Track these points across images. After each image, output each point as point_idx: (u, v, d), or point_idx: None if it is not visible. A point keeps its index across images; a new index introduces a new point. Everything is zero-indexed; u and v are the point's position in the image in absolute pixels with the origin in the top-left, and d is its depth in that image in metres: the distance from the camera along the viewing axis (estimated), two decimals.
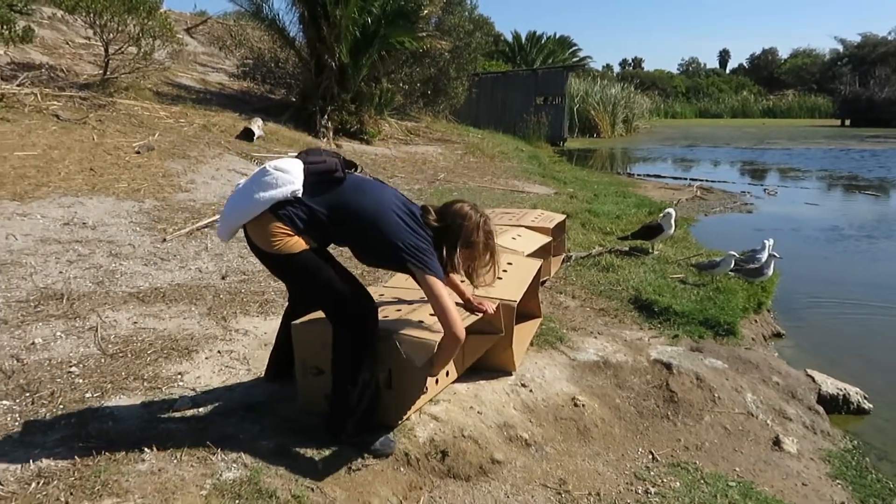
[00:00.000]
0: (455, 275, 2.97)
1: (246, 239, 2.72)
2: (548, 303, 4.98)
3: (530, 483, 3.01)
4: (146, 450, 2.59)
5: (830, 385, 4.42)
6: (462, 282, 3.09)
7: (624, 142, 28.93)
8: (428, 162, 12.86)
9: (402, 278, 3.37)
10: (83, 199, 6.29)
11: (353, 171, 2.78)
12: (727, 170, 18.48)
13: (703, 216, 10.63)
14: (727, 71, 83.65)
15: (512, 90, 24.43)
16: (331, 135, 12.30)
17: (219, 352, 3.64)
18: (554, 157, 18.63)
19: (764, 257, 5.82)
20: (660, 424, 3.73)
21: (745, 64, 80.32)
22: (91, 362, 3.38)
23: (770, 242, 5.94)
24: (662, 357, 4.22)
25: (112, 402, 3.01)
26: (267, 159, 9.08)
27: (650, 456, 3.43)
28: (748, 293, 5.70)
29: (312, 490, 2.51)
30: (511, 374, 3.64)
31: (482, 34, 19.49)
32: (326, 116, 12.42)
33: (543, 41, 42.13)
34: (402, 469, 2.80)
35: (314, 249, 2.65)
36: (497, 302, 3.32)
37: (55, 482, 2.37)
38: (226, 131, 10.30)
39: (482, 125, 21.06)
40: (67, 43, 12.71)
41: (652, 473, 3.25)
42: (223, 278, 4.94)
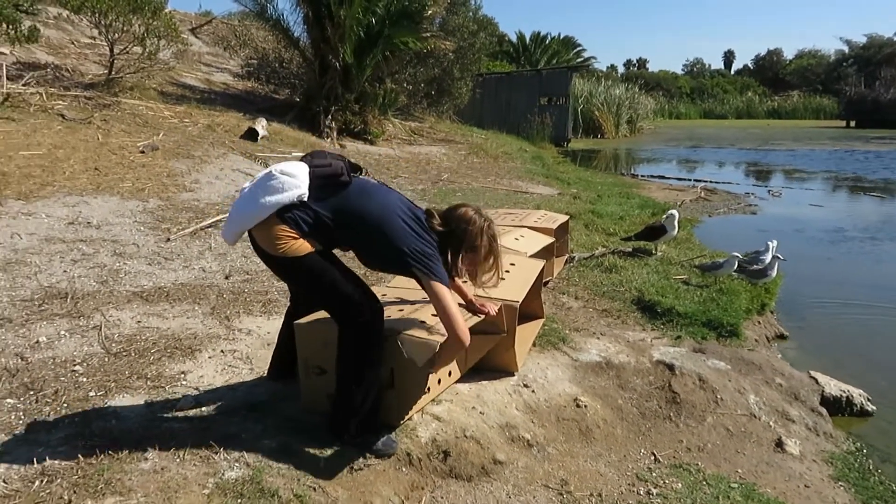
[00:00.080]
0: (456, 277, 2.98)
1: (251, 241, 2.72)
2: (550, 303, 4.98)
3: (532, 483, 3.01)
4: (149, 448, 2.60)
5: (833, 387, 4.41)
6: (464, 282, 3.10)
7: (628, 142, 28.90)
8: (431, 162, 12.87)
9: (405, 278, 3.38)
10: (88, 199, 6.31)
11: (359, 175, 2.78)
12: (731, 171, 18.45)
13: (707, 217, 10.61)
14: (732, 72, 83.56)
15: (516, 90, 24.43)
16: (334, 135, 12.32)
17: (222, 351, 3.65)
18: (558, 158, 18.62)
19: (768, 259, 5.82)
20: (662, 425, 3.73)
21: (750, 65, 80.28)
22: (95, 361, 3.40)
23: (774, 244, 5.94)
24: (665, 358, 4.22)
25: (115, 401, 3.02)
26: (271, 159, 9.11)
27: (652, 457, 3.43)
28: (751, 294, 5.70)
29: (314, 489, 2.52)
30: (513, 375, 3.64)
31: (486, 34, 19.49)
32: (330, 116, 12.44)
33: (548, 42, 42.09)
34: (404, 469, 2.81)
35: (319, 252, 2.65)
36: (499, 303, 3.33)
37: (59, 480, 2.38)
38: (230, 131, 10.32)
39: (486, 125, 21.06)
40: (73, 43, 12.75)
41: (654, 474, 3.25)
42: (227, 278, 4.96)
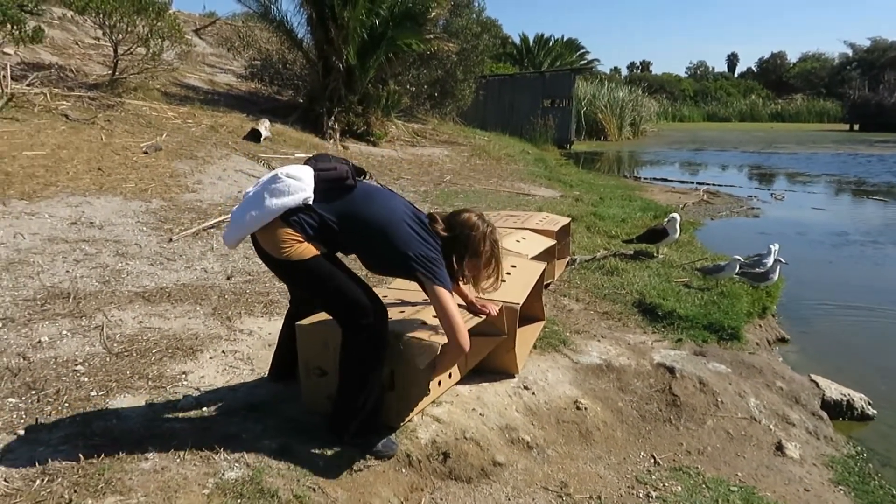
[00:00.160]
0: (460, 280, 2.99)
1: (253, 244, 2.72)
2: (551, 306, 4.99)
3: (531, 485, 3.01)
4: (150, 448, 2.61)
5: (834, 390, 4.41)
6: (465, 284, 3.10)
7: (631, 145, 28.91)
8: (434, 164, 12.88)
9: (405, 280, 3.38)
10: (91, 199, 6.33)
11: (363, 179, 2.79)
12: (734, 174, 18.43)
13: (710, 220, 10.60)
14: (735, 75, 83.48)
15: (519, 93, 24.45)
16: (337, 136, 12.34)
17: (223, 352, 3.66)
18: (560, 160, 18.64)
19: (769, 262, 5.82)
20: (662, 428, 3.73)
21: (754, 68, 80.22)
22: (96, 361, 3.41)
23: (776, 247, 5.93)
24: (666, 361, 4.22)
25: (116, 401, 3.03)
26: (274, 160, 9.12)
27: (652, 460, 3.43)
28: (753, 298, 5.69)
29: (314, 490, 2.52)
30: (514, 377, 3.64)
31: (490, 36, 19.49)
32: (333, 118, 12.47)
33: (551, 44, 42.15)
34: (404, 470, 2.81)
35: (323, 255, 2.65)
36: (500, 304, 3.33)
37: (59, 479, 2.39)
38: (233, 132, 10.35)
39: (489, 127, 21.08)
40: (77, 43, 12.79)
41: (653, 477, 3.25)
42: (228, 279, 4.97)
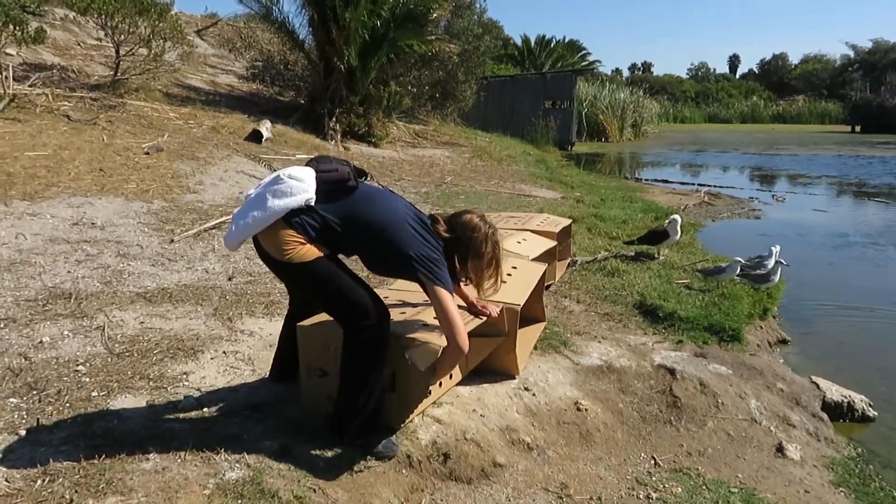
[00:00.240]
0: (461, 281, 3.00)
1: (255, 246, 2.72)
2: (552, 307, 4.99)
3: (532, 487, 3.01)
4: (150, 449, 2.61)
5: (835, 392, 4.41)
6: (466, 285, 3.11)
7: (632, 146, 28.90)
8: (435, 165, 12.89)
9: (407, 281, 3.39)
10: (92, 200, 6.34)
11: (364, 180, 2.80)
12: (736, 175, 18.42)
13: (711, 222, 10.60)
14: (737, 76, 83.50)
15: (520, 94, 24.45)
16: (339, 137, 12.35)
17: (224, 352, 3.67)
18: (562, 161, 18.65)
19: (770, 264, 5.82)
20: (662, 430, 3.73)
21: (755, 69, 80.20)
22: (98, 361, 3.42)
23: (777, 249, 5.93)
24: (666, 362, 4.22)
25: (118, 402, 3.04)
26: (275, 161, 9.13)
27: (652, 461, 3.43)
28: (754, 299, 5.69)
29: (314, 491, 2.53)
30: (514, 378, 3.65)
31: (491, 38, 19.50)
32: (335, 119, 12.48)
33: (552, 45, 42.17)
34: (404, 471, 2.82)
35: (325, 257, 2.65)
36: (501, 305, 3.34)
37: (60, 480, 2.40)
38: (234, 133, 10.36)
39: (490, 129, 21.08)
40: (79, 44, 12.81)
41: (654, 479, 3.25)
42: (230, 279, 4.98)
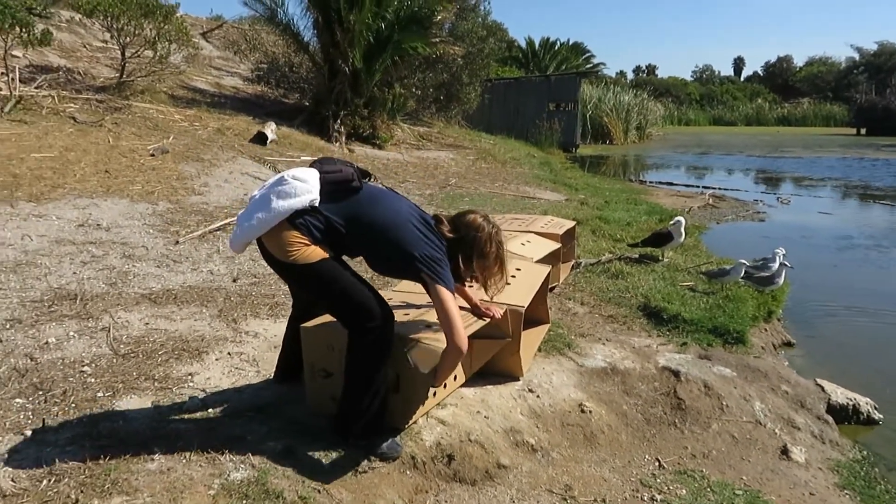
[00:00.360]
0: (466, 282, 3.00)
1: (259, 248, 2.72)
2: (556, 309, 4.99)
3: (536, 488, 3.01)
4: (155, 449, 2.62)
5: (840, 395, 4.39)
6: (470, 287, 3.11)
7: (637, 149, 28.87)
8: (439, 167, 12.89)
9: (411, 282, 3.40)
10: (98, 201, 6.36)
11: (368, 181, 2.80)
12: (740, 178, 18.38)
13: (715, 224, 10.58)
14: (741, 78, 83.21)
15: (525, 96, 24.44)
16: (343, 139, 12.37)
17: (229, 353, 3.67)
18: (566, 164, 18.63)
19: (775, 266, 5.80)
20: (667, 432, 3.73)
21: (760, 71, 79.97)
22: (103, 362, 3.43)
23: (781, 251, 5.92)
24: (671, 364, 4.21)
25: (123, 402, 3.05)
26: (280, 163, 9.15)
27: (657, 463, 3.43)
28: (758, 302, 5.68)
29: (319, 492, 2.53)
30: (518, 380, 3.65)
31: (495, 40, 19.52)
32: (339, 121, 12.49)
33: (557, 48, 42.14)
34: (409, 472, 2.82)
35: (329, 258, 2.66)
36: (505, 307, 3.34)
37: (66, 480, 2.41)
38: (239, 135, 10.39)
39: (494, 131, 21.08)
40: (85, 46, 12.87)
41: (658, 481, 3.25)
42: (234, 281, 4.99)
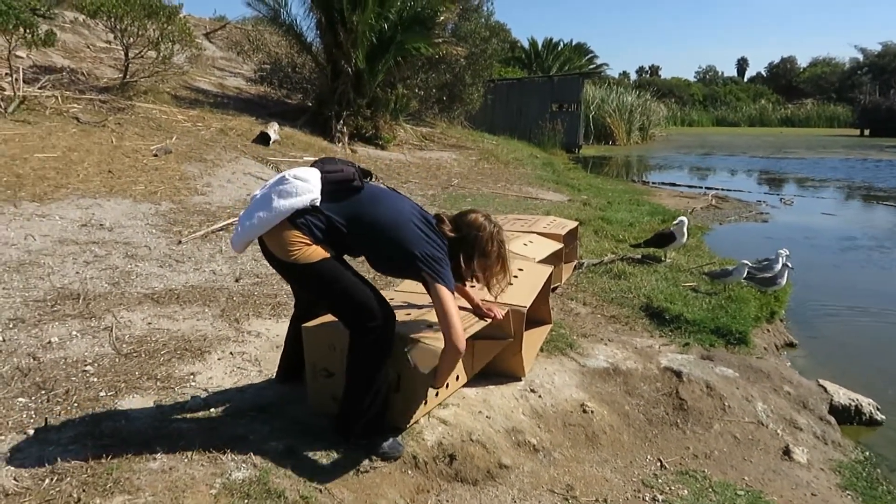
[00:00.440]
0: (467, 281, 3.00)
1: (261, 247, 2.73)
2: (559, 309, 4.99)
3: (537, 488, 3.01)
4: (157, 448, 2.63)
5: (843, 395, 4.39)
6: (472, 287, 3.11)
7: (640, 149, 28.84)
8: (442, 168, 12.90)
9: (413, 282, 3.40)
10: (101, 201, 6.38)
11: (369, 181, 2.81)
12: (743, 179, 18.36)
13: (718, 225, 10.58)
14: (745, 79, 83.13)
15: (528, 97, 24.44)
16: (346, 140, 12.38)
17: (231, 353, 3.68)
18: (569, 164, 18.62)
19: (778, 267, 5.79)
20: (669, 432, 3.72)
21: (764, 72, 79.93)
22: (105, 361, 3.43)
23: (785, 252, 5.91)
24: (673, 365, 4.21)
25: (125, 402, 3.05)
26: (283, 164, 9.17)
27: (658, 463, 3.43)
28: (761, 302, 5.67)
29: (320, 491, 2.53)
30: (520, 380, 3.65)
31: (498, 41, 19.52)
32: (342, 121, 12.51)
33: (560, 48, 42.07)
34: (410, 472, 2.82)
35: (331, 258, 2.66)
36: (507, 307, 3.34)
37: (68, 479, 2.41)
38: (242, 135, 10.40)
39: (497, 131, 21.07)
40: (88, 47, 12.90)
41: (660, 481, 3.25)
42: (237, 281, 4.99)
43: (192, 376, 3.37)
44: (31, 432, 2.73)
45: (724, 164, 22.23)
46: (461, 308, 3.13)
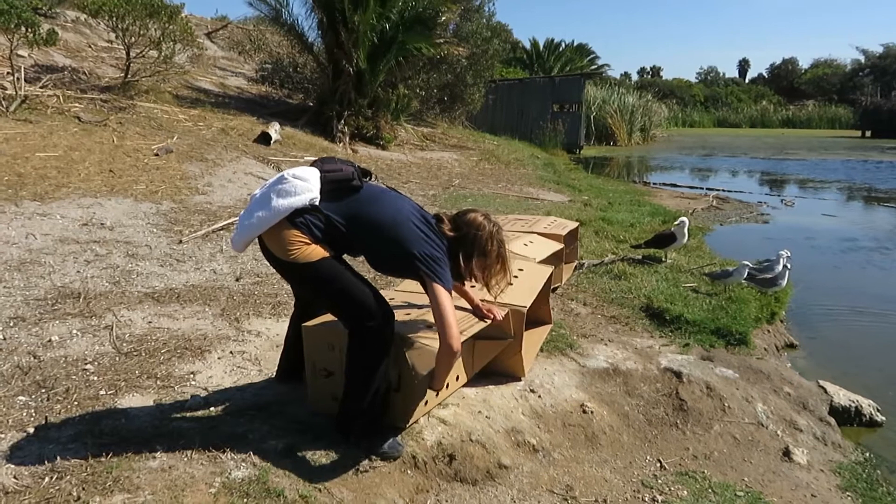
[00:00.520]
0: (466, 281, 3.00)
1: (260, 246, 2.73)
2: (559, 309, 4.99)
3: (537, 488, 3.02)
4: (157, 447, 2.63)
5: (843, 396, 4.39)
6: (472, 287, 3.11)
7: (641, 150, 28.82)
8: (443, 168, 12.90)
9: (413, 282, 3.40)
10: (102, 200, 6.38)
11: (368, 180, 2.81)
12: (744, 180, 18.36)
13: (719, 225, 10.57)
14: (746, 80, 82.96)
15: (529, 97, 24.44)
16: (347, 140, 12.38)
17: (231, 352, 3.68)
18: (570, 165, 18.62)
19: (778, 268, 5.79)
20: (668, 433, 3.72)
21: (765, 74, 79.74)
22: (106, 360, 3.44)
23: (786, 253, 5.91)
24: (673, 365, 4.21)
25: (125, 400, 3.06)
26: (284, 163, 9.17)
27: (658, 464, 3.43)
28: (761, 303, 5.67)
29: (320, 490, 2.53)
30: (520, 380, 3.65)
31: (500, 41, 19.53)
32: (343, 121, 12.51)
33: (561, 49, 42.07)
34: (410, 472, 2.82)
35: (330, 257, 2.66)
36: (507, 308, 3.34)
37: (68, 477, 2.41)
38: (243, 135, 10.41)
39: (498, 132, 21.08)
40: (90, 46, 12.91)
41: (659, 481, 3.25)
42: (237, 280, 5.00)
43: (192, 375, 3.37)
44: (31, 430, 2.73)
45: (725, 165, 22.21)
46: (461, 308, 3.14)
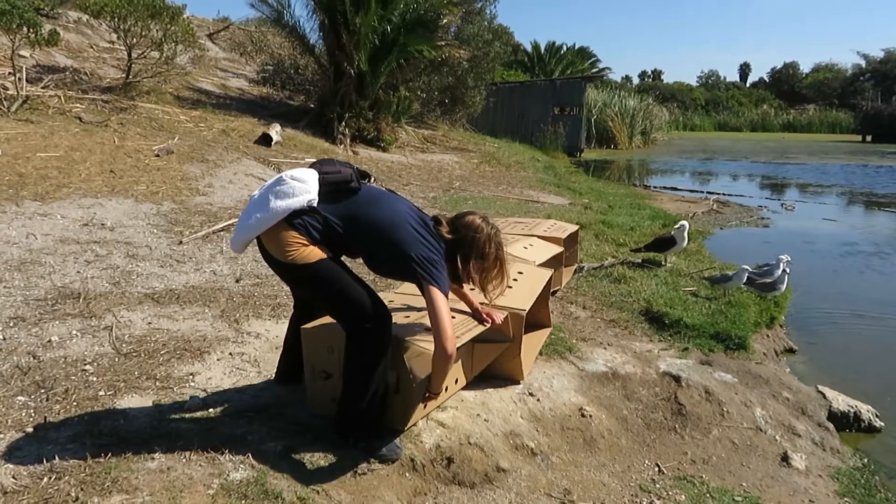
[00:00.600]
0: (465, 284, 3.00)
1: (259, 247, 2.74)
2: (558, 313, 4.99)
3: (535, 492, 3.02)
4: (156, 448, 2.63)
5: (841, 402, 4.39)
6: (472, 290, 3.11)
7: (641, 153, 28.85)
8: (443, 170, 12.91)
9: (412, 285, 3.41)
10: (102, 201, 6.39)
11: (367, 182, 2.81)
12: (745, 184, 18.37)
13: (719, 229, 10.58)
14: (747, 84, 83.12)
15: (530, 100, 24.47)
16: (348, 141, 12.39)
17: (230, 354, 3.69)
18: (570, 168, 18.62)
19: (778, 272, 5.80)
20: (667, 437, 3.73)
21: (766, 78, 79.88)
22: (105, 361, 3.44)
23: (786, 258, 5.91)
24: (671, 370, 4.21)
25: (124, 401, 3.06)
26: (284, 165, 9.18)
27: (656, 468, 3.43)
28: (761, 308, 5.68)
29: (318, 493, 2.54)
30: (519, 383, 3.65)
31: (501, 44, 19.53)
32: (344, 123, 12.52)
33: (562, 52, 42.13)
34: (408, 474, 2.82)
35: (328, 259, 2.66)
36: (506, 311, 3.34)
37: (67, 477, 2.42)
38: (244, 136, 10.42)
39: (499, 134, 21.10)
40: (92, 47, 12.93)
41: (657, 486, 3.25)
42: (237, 281, 5.00)
43: (192, 376, 3.37)
44: (30, 430, 2.74)
45: (726, 169, 22.24)
46: (461, 311, 3.14)
